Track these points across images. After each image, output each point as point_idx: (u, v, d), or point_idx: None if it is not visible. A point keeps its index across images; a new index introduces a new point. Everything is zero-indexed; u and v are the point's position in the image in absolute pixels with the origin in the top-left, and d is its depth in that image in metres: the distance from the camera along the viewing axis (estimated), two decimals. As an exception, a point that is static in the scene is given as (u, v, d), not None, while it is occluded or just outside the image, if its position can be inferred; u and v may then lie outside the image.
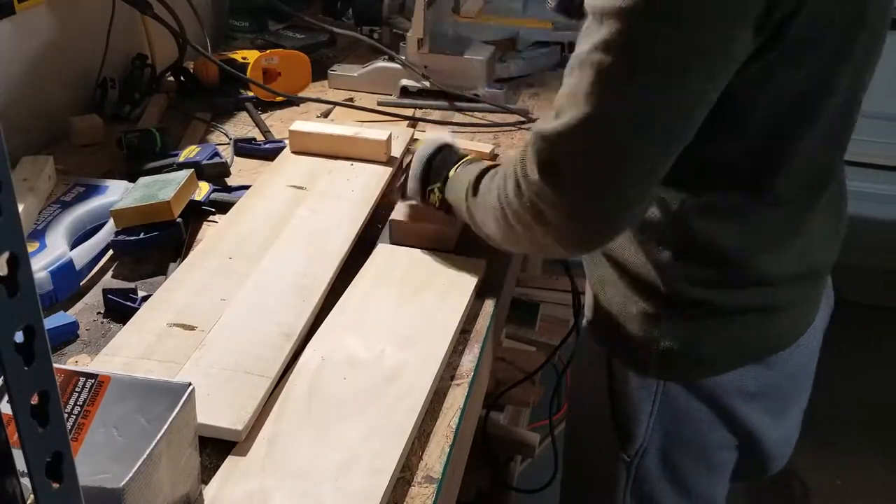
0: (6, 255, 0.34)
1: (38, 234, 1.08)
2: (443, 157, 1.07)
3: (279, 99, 1.60)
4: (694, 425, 0.98)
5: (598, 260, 1.00)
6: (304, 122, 1.37)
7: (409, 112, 1.58)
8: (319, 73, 1.70)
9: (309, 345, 0.93)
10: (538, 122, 0.81)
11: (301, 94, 1.64)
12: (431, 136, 1.12)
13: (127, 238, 1.09)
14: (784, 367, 0.97)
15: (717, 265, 0.90)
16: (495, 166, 0.99)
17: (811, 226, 0.93)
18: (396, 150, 1.35)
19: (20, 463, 0.38)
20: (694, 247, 0.90)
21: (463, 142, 1.46)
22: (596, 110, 0.74)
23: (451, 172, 1.04)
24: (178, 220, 1.11)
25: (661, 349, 0.94)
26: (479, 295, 1.06)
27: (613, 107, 0.75)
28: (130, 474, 0.62)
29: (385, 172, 1.28)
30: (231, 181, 1.31)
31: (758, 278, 0.91)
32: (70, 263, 1.03)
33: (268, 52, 1.62)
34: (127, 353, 0.88)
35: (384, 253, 1.11)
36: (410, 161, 1.12)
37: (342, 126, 1.35)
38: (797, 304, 0.97)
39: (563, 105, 0.77)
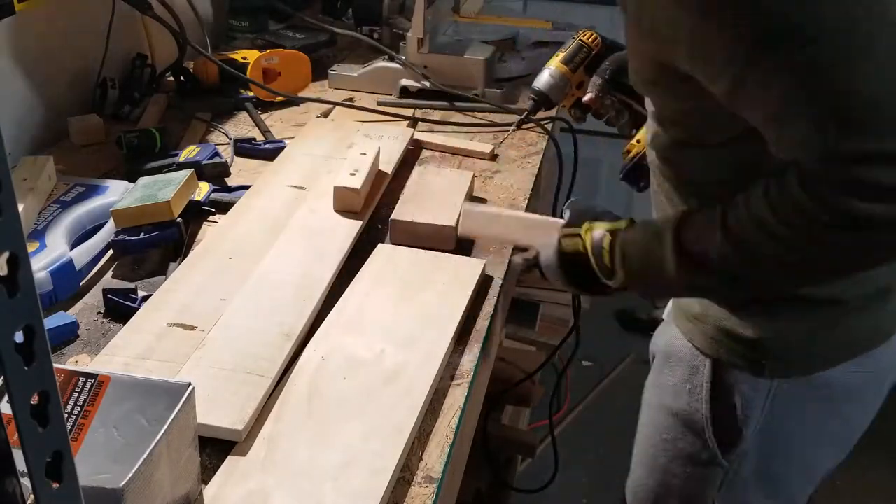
0: (6, 255, 0.34)
1: (38, 234, 1.08)
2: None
3: (279, 99, 1.60)
4: (801, 426, 0.97)
5: None
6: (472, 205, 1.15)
7: (409, 112, 1.58)
8: (319, 73, 1.70)
9: (309, 345, 0.93)
10: (799, 151, 0.72)
11: (301, 94, 1.64)
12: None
13: (127, 238, 1.09)
14: (881, 360, 0.95)
15: None
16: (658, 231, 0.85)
17: None
18: (396, 151, 1.35)
19: (20, 463, 0.38)
20: None
21: (462, 142, 1.46)
22: None
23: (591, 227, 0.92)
24: (179, 220, 1.11)
25: (780, 347, 0.92)
26: (479, 295, 1.06)
27: None
28: (130, 474, 0.62)
29: (384, 176, 1.28)
30: (231, 181, 1.31)
31: None
32: (70, 263, 1.03)
33: (268, 52, 1.62)
34: (127, 353, 0.88)
35: (384, 253, 1.11)
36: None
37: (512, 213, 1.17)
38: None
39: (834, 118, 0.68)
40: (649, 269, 0.85)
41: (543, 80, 1.24)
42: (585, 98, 1.17)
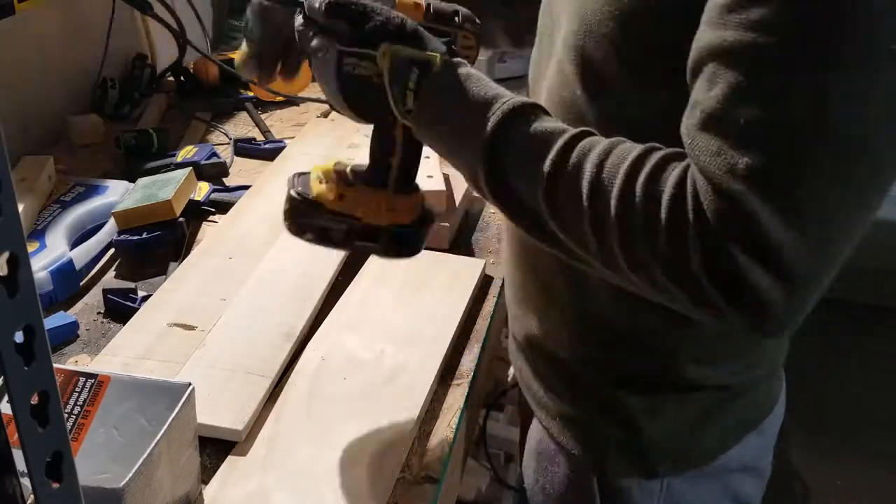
0: (6, 255, 0.34)
1: (38, 234, 1.08)
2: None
3: (279, 99, 1.60)
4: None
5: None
6: None
7: (409, 112, 1.58)
8: (319, 73, 1.70)
9: (309, 345, 0.93)
10: (703, 156, 0.57)
11: (301, 94, 1.63)
12: None
13: (130, 238, 1.09)
14: (769, 429, 0.89)
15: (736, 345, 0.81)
16: (577, 137, 0.63)
17: None
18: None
19: (20, 463, 0.38)
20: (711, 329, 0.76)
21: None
22: (834, 136, 0.55)
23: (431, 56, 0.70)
24: (181, 219, 1.11)
25: (672, 448, 0.83)
26: (479, 295, 1.06)
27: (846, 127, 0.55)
28: (130, 474, 0.62)
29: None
30: (231, 181, 1.31)
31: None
32: (70, 263, 1.03)
33: (268, 52, 1.62)
34: (127, 353, 0.89)
35: (384, 253, 1.11)
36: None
37: None
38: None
39: (752, 134, 0.56)
40: (453, 138, 0.70)
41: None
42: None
